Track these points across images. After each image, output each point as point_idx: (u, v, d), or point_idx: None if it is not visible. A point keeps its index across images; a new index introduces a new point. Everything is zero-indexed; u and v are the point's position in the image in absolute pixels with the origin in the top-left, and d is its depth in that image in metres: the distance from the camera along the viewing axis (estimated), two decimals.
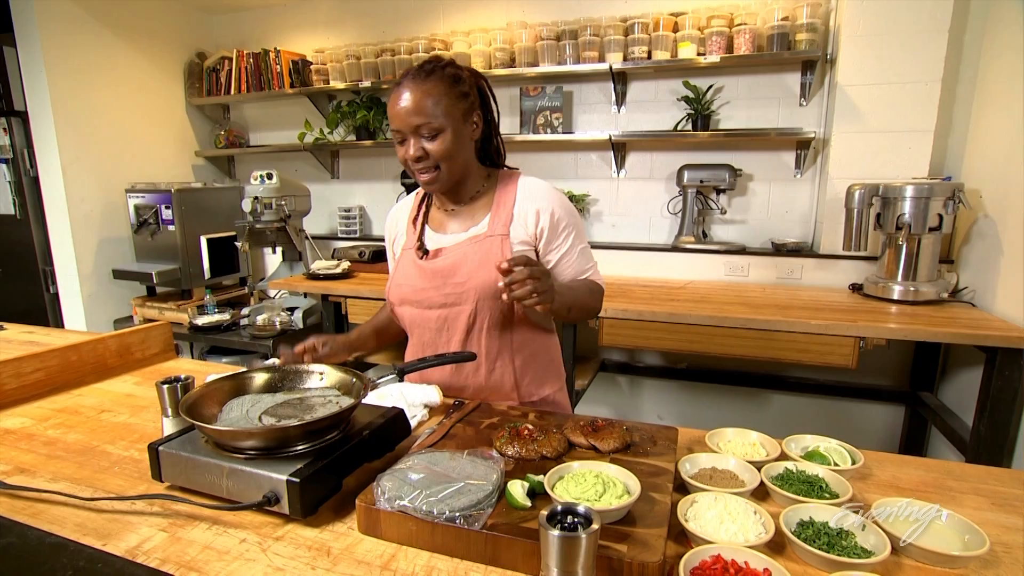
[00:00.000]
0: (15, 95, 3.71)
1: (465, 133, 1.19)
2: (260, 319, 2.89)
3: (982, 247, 2.19)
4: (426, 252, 1.27)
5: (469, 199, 1.28)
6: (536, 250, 1.26)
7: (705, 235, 2.83)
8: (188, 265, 3.11)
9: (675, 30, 2.62)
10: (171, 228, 3.06)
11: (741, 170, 2.66)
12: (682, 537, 0.76)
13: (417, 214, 1.34)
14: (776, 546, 0.74)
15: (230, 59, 3.50)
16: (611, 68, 2.67)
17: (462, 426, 1.04)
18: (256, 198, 2.84)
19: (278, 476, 0.78)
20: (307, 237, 3.06)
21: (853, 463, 0.93)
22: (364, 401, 0.98)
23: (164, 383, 0.98)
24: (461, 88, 1.17)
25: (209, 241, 3.16)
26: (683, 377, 2.94)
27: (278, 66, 3.37)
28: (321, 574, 0.70)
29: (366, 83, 3.15)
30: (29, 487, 0.88)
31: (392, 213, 1.41)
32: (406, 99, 1.13)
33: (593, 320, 2.22)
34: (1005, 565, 0.72)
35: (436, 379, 1.29)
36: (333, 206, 3.59)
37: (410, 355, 1.35)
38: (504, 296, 1.04)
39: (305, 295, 3.10)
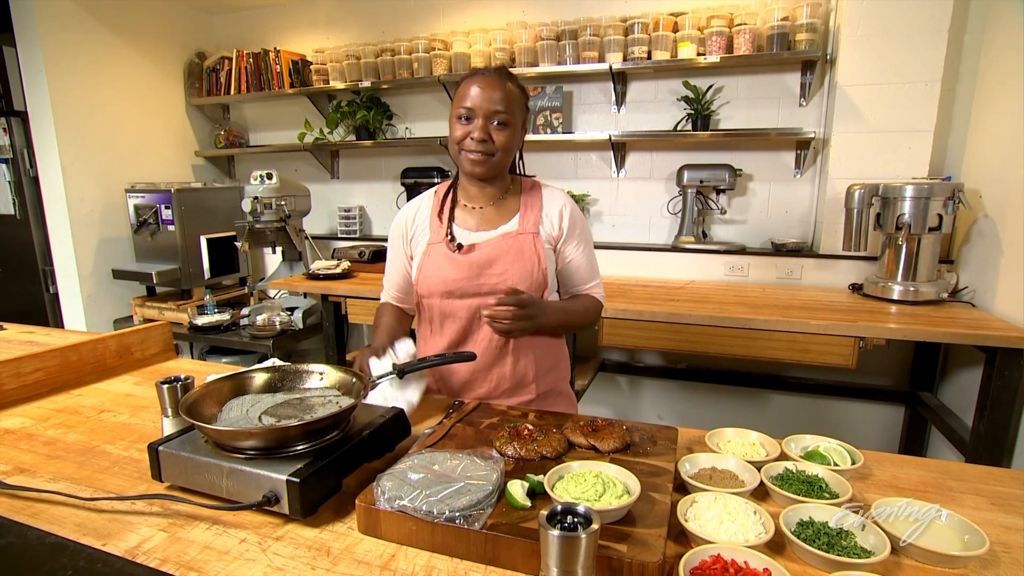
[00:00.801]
0: (15, 95, 3.71)
1: (518, 138, 1.31)
2: (260, 319, 2.89)
3: (982, 247, 2.19)
4: (460, 246, 1.30)
5: (497, 199, 1.35)
6: (555, 251, 1.35)
7: (705, 235, 2.83)
8: (188, 265, 3.11)
9: (675, 30, 2.62)
10: (171, 228, 3.06)
11: (741, 170, 2.66)
12: (682, 537, 0.76)
13: (441, 211, 1.37)
14: (776, 546, 0.74)
15: (230, 59, 3.50)
16: (611, 68, 2.67)
17: (462, 426, 1.04)
18: (256, 198, 2.84)
19: (278, 476, 0.78)
20: (307, 237, 3.06)
21: (853, 463, 0.93)
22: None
23: (164, 383, 0.98)
24: (527, 101, 1.32)
25: (209, 241, 3.16)
26: (683, 377, 2.94)
27: (278, 66, 3.37)
28: (321, 574, 0.70)
29: (366, 83, 3.15)
30: (29, 487, 0.88)
31: (407, 210, 1.41)
32: (491, 86, 1.23)
33: None
34: (1005, 565, 0.72)
35: (461, 370, 1.33)
36: (333, 206, 3.59)
37: (430, 348, 1.38)
38: (484, 319, 1.21)
39: (305, 295, 3.10)
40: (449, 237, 1.32)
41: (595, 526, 0.57)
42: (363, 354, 1.22)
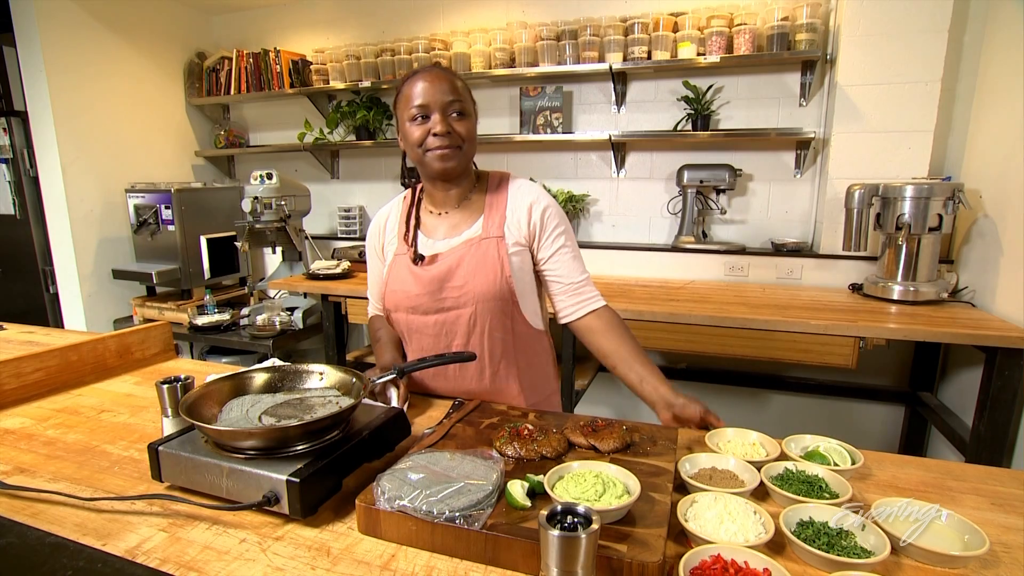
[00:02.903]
0: (15, 95, 3.72)
1: (475, 130, 1.23)
2: (260, 319, 2.89)
3: (982, 247, 2.19)
4: (421, 258, 1.23)
5: (463, 201, 1.27)
6: (531, 250, 1.26)
7: (705, 235, 2.83)
8: (188, 265, 3.11)
9: (675, 30, 2.62)
10: (171, 228, 3.06)
11: (741, 170, 2.66)
12: (682, 537, 0.76)
13: (408, 219, 1.30)
14: (776, 546, 0.74)
15: (230, 59, 3.50)
16: (611, 68, 2.67)
17: (462, 426, 1.04)
18: (256, 198, 2.84)
19: (278, 476, 0.78)
20: (307, 237, 3.06)
21: (853, 463, 0.92)
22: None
23: (164, 383, 0.98)
24: (473, 97, 1.25)
25: (209, 241, 3.16)
26: (683, 377, 2.94)
27: (278, 66, 3.37)
28: (321, 574, 0.70)
29: (366, 83, 3.15)
30: (29, 487, 0.88)
31: (378, 219, 1.37)
32: (436, 78, 1.16)
33: None
34: (1005, 565, 0.72)
35: (440, 386, 1.28)
36: (333, 206, 3.60)
37: (410, 357, 1.34)
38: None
39: (305, 295, 3.10)
40: (412, 249, 1.24)
41: (595, 526, 0.57)
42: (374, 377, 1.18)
